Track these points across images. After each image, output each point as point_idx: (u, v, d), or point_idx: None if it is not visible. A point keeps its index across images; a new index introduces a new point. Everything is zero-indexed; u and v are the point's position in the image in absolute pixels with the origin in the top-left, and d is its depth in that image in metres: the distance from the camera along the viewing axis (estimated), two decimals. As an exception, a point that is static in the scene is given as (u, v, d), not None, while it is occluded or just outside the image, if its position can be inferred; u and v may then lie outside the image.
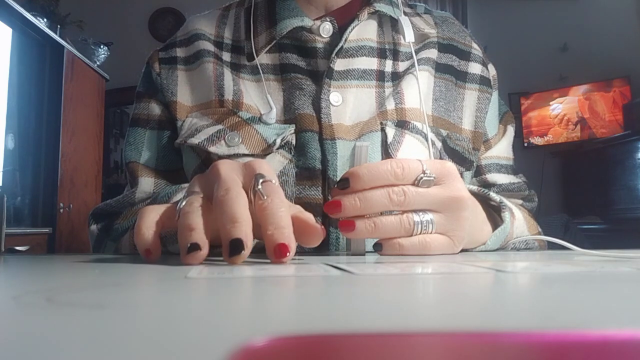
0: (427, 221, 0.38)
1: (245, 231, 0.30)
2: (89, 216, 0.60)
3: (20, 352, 0.10)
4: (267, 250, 0.31)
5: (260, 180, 0.34)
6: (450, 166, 0.39)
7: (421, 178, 0.37)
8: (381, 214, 0.38)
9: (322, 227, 0.35)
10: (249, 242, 0.30)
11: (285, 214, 0.32)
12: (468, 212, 0.40)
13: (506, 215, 0.47)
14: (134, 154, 0.60)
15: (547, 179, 3.07)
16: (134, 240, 0.35)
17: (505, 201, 0.49)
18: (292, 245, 0.31)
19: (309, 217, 0.36)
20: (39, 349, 0.10)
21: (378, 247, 0.39)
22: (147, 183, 0.58)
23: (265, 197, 0.33)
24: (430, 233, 0.38)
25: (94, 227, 0.59)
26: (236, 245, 0.29)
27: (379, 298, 0.17)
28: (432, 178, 0.37)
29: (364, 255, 0.39)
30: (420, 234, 0.38)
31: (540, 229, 0.59)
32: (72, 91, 2.18)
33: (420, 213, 0.38)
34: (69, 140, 2.14)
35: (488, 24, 3.27)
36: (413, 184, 0.37)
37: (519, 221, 0.54)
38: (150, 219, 0.35)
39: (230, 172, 0.35)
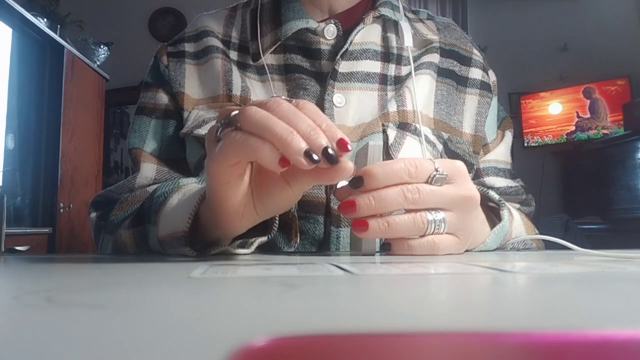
0: (440, 220, 0.37)
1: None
2: (89, 204, 0.60)
3: (20, 352, 0.10)
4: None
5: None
6: (460, 165, 0.39)
7: (434, 176, 0.37)
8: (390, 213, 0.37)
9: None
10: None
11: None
12: (477, 212, 0.40)
13: (505, 213, 0.47)
14: (138, 141, 0.60)
15: (547, 179, 3.07)
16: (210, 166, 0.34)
17: (504, 201, 0.49)
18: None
19: None
20: (39, 349, 0.10)
21: (387, 247, 0.38)
22: (149, 169, 0.58)
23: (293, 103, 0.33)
24: (442, 232, 0.38)
25: (93, 215, 0.59)
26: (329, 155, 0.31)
27: (379, 298, 0.17)
28: (444, 176, 0.37)
29: (374, 255, 0.39)
30: (433, 233, 0.38)
31: (537, 232, 0.59)
32: (72, 91, 2.18)
33: (433, 212, 0.38)
34: (69, 140, 2.14)
35: (488, 24, 3.27)
36: (426, 182, 0.37)
37: (517, 222, 0.54)
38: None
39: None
